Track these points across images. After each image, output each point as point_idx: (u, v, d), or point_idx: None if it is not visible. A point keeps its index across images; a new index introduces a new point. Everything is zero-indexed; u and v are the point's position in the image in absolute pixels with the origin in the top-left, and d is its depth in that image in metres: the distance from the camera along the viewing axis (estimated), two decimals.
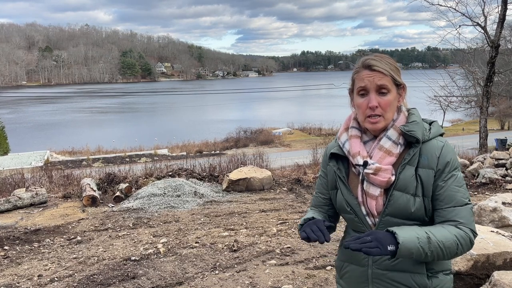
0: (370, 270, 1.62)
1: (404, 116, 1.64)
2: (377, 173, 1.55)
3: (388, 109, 1.57)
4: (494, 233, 3.89)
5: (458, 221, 1.52)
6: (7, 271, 4.94)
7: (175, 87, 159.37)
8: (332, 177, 1.73)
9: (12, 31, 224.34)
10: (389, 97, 1.57)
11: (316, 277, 4.35)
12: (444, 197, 1.53)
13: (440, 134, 1.63)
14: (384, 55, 1.64)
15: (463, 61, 20.51)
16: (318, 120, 52.32)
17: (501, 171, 9.09)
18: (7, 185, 10.38)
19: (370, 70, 1.57)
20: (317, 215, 1.76)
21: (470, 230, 1.52)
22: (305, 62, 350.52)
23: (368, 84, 1.57)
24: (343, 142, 1.69)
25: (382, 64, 1.57)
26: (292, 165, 14.11)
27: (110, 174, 10.12)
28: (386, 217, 1.56)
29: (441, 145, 1.57)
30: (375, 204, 1.58)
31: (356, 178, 1.64)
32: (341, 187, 1.67)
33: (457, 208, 1.53)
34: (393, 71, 1.58)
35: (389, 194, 1.55)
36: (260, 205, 7.89)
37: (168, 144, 41.12)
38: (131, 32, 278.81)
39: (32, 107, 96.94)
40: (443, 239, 1.46)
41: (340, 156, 1.69)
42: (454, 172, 1.55)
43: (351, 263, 1.70)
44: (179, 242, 5.71)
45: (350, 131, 1.67)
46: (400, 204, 1.54)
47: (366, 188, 1.59)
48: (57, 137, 51.24)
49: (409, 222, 1.55)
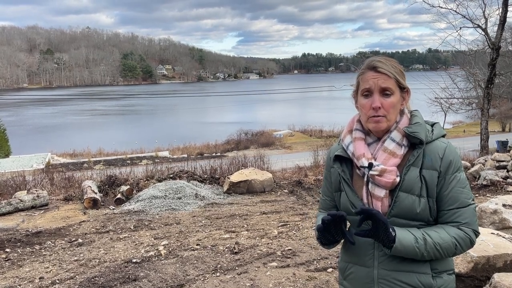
0: (375, 270, 1.62)
1: (407, 118, 1.65)
2: (382, 174, 1.56)
3: (391, 110, 1.59)
4: (495, 235, 3.90)
5: (460, 223, 1.55)
6: (9, 273, 4.95)
7: (176, 89, 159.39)
8: (336, 179, 1.74)
9: (13, 33, 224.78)
10: (392, 99, 1.58)
11: (317, 279, 4.35)
12: (448, 198, 1.56)
13: (442, 135, 1.64)
14: (390, 58, 1.66)
15: (464, 63, 20.53)
16: (319, 122, 52.32)
17: (502, 173, 9.09)
18: (8, 188, 10.39)
19: (375, 71, 1.59)
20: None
21: (471, 231, 1.55)
22: (306, 64, 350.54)
23: (372, 85, 1.58)
24: (347, 144, 1.69)
25: (388, 66, 1.59)
26: (293, 167, 14.09)
27: (111, 177, 10.12)
28: (391, 218, 1.58)
29: (444, 146, 1.59)
30: (381, 205, 1.59)
31: (360, 179, 1.66)
32: (346, 188, 1.68)
33: (460, 209, 1.55)
34: (398, 74, 1.60)
35: (395, 196, 1.56)
36: (261, 207, 7.89)
37: (169, 146, 41.17)
38: (132, 35, 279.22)
39: (34, 109, 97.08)
40: (440, 241, 1.52)
41: (344, 158, 1.70)
42: (457, 173, 1.58)
43: (356, 264, 1.70)
44: (180, 244, 5.71)
45: (354, 133, 1.69)
46: (405, 205, 1.55)
47: (371, 189, 1.60)
48: (58, 139, 51.30)
49: (414, 222, 1.57)
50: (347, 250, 1.75)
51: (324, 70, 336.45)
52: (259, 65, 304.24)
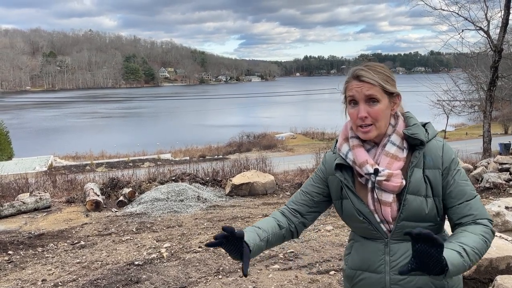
0: (387, 276, 1.60)
1: (402, 120, 1.65)
2: (390, 179, 1.55)
3: (379, 118, 1.57)
4: (497, 238, 3.89)
5: (473, 214, 1.54)
6: (11, 275, 4.96)
7: (178, 92, 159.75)
8: (336, 188, 1.72)
9: (16, 36, 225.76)
10: (379, 106, 1.56)
11: (320, 282, 4.34)
12: (456, 193, 1.56)
13: (436, 134, 1.66)
14: (377, 64, 1.64)
15: (466, 65, 20.48)
16: (321, 124, 52.21)
17: (505, 175, 9.06)
18: (11, 190, 10.41)
19: (358, 80, 1.58)
20: (270, 223, 1.73)
21: (487, 221, 1.55)
22: (307, 66, 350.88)
23: (357, 94, 1.57)
24: (345, 152, 1.67)
25: (371, 74, 1.56)
26: (295, 169, 14.08)
27: (114, 179, 10.13)
28: (401, 222, 1.57)
29: (441, 144, 1.61)
30: (390, 211, 1.58)
31: (363, 187, 1.64)
32: (351, 196, 1.65)
33: (469, 201, 1.56)
34: (383, 81, 1.57)
35: (403, 199, 1.56)
36: (263, 209, 7.89)
37: (171, 148, 41.18)
38: (135, 38, 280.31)
39: (36, 112, 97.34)
40: (475, 245, 1.45)
41: (344, 166, 1.68)
42: (458, 167, 1.60)
43: (366, 271, 1.67)
44: (182, 246, 5.72)
45: (351, 141, 1.67)
46: (414, 207, 1.55)
47: (379, 195, 1.58)
48: (61, 142, 51.46)
49: (423, 224, 1.57)
50: (355, 257, 1.72)
51: (326, 72, 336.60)
52: (261, 68, 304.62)
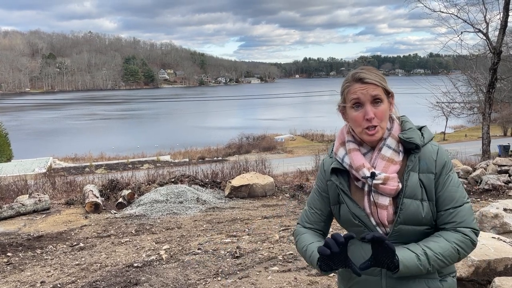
0: (384, 279, 1.61)
1: (397, 124, 1.67)
2: (386, 182, 1.57)
3: (384, 118, 1.60)
4: (495, 239, 3.90)
5: (456, 222, 1.55)
6: (10, 277, 4.96)
7: (177, 94, 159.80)
8: (334, 192, 1.72)
9: (16, 38, 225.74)
10: (383, 106, 1.60)
11: (319, 284, 4.35)
12: (444, 198, 1.57)
13: (431, 138, 1.67)
14: (370, 67, 1.67)
15: (465, 67, 20.52)
16: (320, 126, 52.23)
17: (504, 177, 9.08)
18: (10, 192, 10.42)
19: (362, 83, 1.59)
20: (318, 238, 1.73)
21: (470, 230, 1.55)
22: (307, 68, 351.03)
23: (362, 96, 1.59)
24: (342, 157, 1.68)
25: (372, 75, 1.60)
26: (295, 171, 14.11)
27: (113, 181, 10.15)
28: (399, 226, 1.58)
29: (436, 148, 1.62)
30: (386, 214, 1.59)
31: (358, 190, 1.65)
32: (346, 200, 1.66)
33: (456, 208, 1.56)
34: (383, 81, 1.61)
35: (400, 203, 1.56)
36: (262, 211, 7.90)
37: (170, 150, 41.18)
38: (134, 39, 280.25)
39: (35, 114, 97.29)
40: (440, 251, 1.51)
41: (339, 171, 1.69)
42: (450, 173, 1.60)
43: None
44: (182, 248, 5.72)
45: (347, 145, 1.68)
46: (411, 211, 1.56)
47: (375, 199, 1.59)
48: (60, 143, 51.44)
49: (420, 227, 1.58)
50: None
51: (325, 74, 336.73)
52: (261, 70, 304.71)
